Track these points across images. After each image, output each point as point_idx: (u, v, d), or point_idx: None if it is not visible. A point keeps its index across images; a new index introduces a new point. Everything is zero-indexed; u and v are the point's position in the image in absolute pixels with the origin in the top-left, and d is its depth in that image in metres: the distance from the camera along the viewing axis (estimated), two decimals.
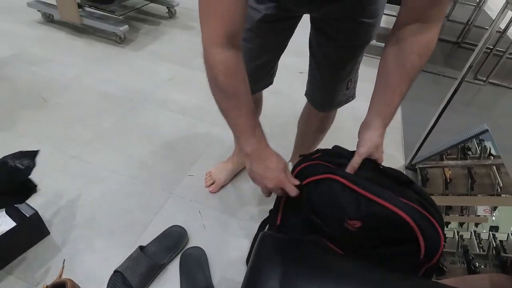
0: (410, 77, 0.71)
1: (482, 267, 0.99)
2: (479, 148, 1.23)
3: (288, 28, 0.95)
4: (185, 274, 1.07)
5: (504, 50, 2.42)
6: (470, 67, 1.25)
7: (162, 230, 1.18)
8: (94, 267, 1.08)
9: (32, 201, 1.11)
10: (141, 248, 1.09)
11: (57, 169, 1.37)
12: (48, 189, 1.27)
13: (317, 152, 0.78)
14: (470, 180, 1.21)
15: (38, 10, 2.37)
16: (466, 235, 1.10)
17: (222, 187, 1.39)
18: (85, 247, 1.13)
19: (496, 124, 2.00)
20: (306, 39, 0.98)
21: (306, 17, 0.92)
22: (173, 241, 1.15)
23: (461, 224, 1.14)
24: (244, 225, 1.27)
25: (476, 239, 1.06)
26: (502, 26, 2.46)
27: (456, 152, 1.35)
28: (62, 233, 1.16)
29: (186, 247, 1.16)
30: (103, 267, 1.07)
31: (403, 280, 0.66)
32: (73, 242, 1.14)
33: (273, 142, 0.80)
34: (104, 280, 1.03)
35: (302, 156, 0.79)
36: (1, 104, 1.66)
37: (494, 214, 1.05)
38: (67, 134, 1.54)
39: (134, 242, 1.15)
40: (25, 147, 1.43)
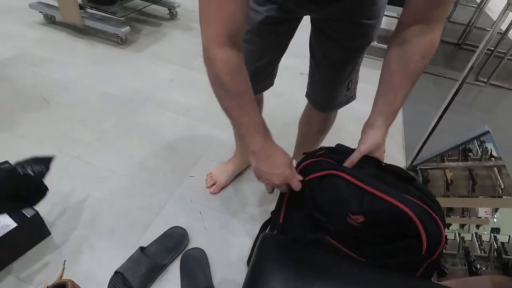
0: (413, 78, 0.72)
1: (483, 269, 0.99)
2: (480, 150, 1.23)
3: (289, 30, 0.95)
4: (186, 275, 1.07)
5: (505, 52, 2.42)
6: (471, 69, 1.25)
7: (163, 231, 1.18)
8: (95, 268, 1.08)
9: None
10: (142, 249, 1.10)
11: (58, 170, 1.36)
12: (49, 190, 1.27)
13: (321, 150, 0.79)
14: (471, 182, 1.21)
15: (40, 12, 2.38)
16: (467, 237, 1.09)
17: (223, 188, 1.39)
18: (86, 248, 1.13)
19: (497, 126, 1.99)
20: (307, 40, 0.98)
21: (307, 18, 0.93)
22: (174, 242, 1.15)
23: (462, 226, 1.14)
24: (245, 226, 1.27)
25: (477, 241, 1.05)
26: (503, 28, 2.46)
27: (457, 154, 1.35)
28: (63, 234, 1.16)
29: (187, 248, 1.16)
30: (104, 268, 1.07)
31: (404, 281, 0.66)
32: (74, 243, 1.14)
33: None
34: (105, 281, 1.03)
35: (306, 154, 0.80)
36: (2, 105, 1.66)
37: (495, 216, 1.05)
38: (68, 135, 1.54)
39: (135, 243, 1.16)
40: (26, 148, 1.44)
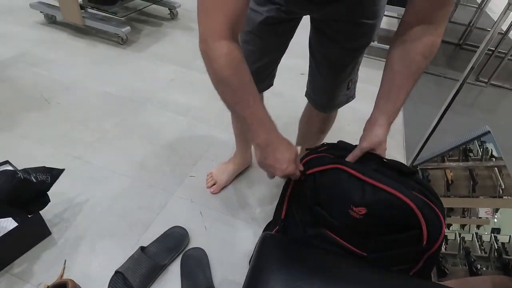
0: (415, 77, 0.72)
1: (484, 269, 0.99)
2: (481, 150, 1.23)
3: (289, 30, 0.95)
4: (186, 275, 1.07)
5: (506, 52, 2.42)
6: (472, 69, 1.24)
7: (163, 231, 1.18)
8: (95, 268, 1.08)
9: None
10: (142, 249, 1.10)
11: None
12: (50, 190, 1.27)
13: (323, 146, 0.80)
14: (472, 182, 1.21)
15: (41, 12, 2.38)
16: (468, 237, 1.09)
17: (223, 188, 1.39)
18: (86, 248, 1.13)
19: (498, 126, 1.99)
20: (307, 40, 0.98)
21: (307, 18, 0.93)
22: (174, 242, 1.15)
23: (463, 226, 1.14)
24: (245, 226, 1.27)
25: (478, 241, 1.05)
26: (504, 28, 2.46)
27: (458, 154, 1.34)
28: (64, 234, 1.16)
29: (187, 248, 1.16)
30: (104, 268, 1.07)
31: (404, 281, 0.66)
32: (74, 243, 1.14)
33: None
34: (105, 281, 1.03)
35: (309, 150, 0.81)
36: (3, 105, 1.66)
37: (496, 216, 1.04)
38: (68, 135, 1.54)
39: (135, 243, 1.16)
40: (26, 148, 1.45)
